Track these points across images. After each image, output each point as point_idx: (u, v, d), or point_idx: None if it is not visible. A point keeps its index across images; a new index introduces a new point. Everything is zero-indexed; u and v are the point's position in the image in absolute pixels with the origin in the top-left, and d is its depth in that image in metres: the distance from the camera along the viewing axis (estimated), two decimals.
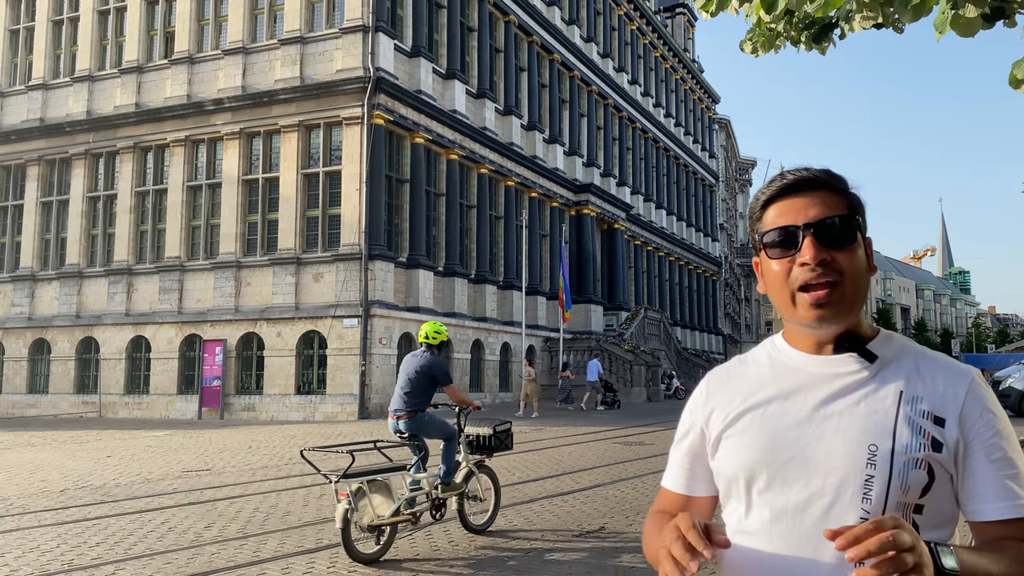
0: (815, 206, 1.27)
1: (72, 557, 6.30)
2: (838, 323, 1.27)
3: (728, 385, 1.38)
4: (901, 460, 1.20)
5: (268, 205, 24.14)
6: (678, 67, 50.72)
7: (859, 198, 1.33)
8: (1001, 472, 1.21)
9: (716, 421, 1.35)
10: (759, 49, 4.80)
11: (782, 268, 1.28)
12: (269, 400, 22.78)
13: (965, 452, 1.23)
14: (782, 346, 1.36)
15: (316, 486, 9.94)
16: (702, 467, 1.39)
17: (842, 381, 1.27)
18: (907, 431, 1.22)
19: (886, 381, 1.26)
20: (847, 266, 1.25)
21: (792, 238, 1.27)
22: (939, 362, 1.29)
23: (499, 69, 30.54)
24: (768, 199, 1.33)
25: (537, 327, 30.90)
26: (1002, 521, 1.20)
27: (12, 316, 27.57)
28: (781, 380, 1.31)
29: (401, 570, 5.91)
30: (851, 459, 1.21)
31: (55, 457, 13.56)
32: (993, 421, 1.24)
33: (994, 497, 1.21)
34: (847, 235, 1.27)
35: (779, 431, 1.27)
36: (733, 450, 1.31)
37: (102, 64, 27.80)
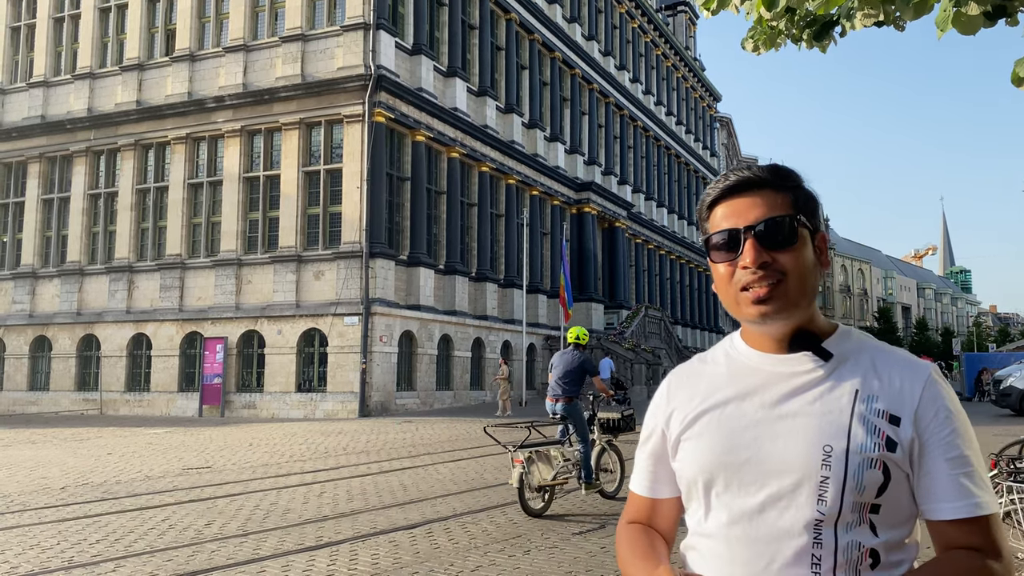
0: (757, 207, 1.27)
1: (72, 554, 6.30)
2: (783, 319, 1.26)
3: (688, 385, 1.37)
4: (856, 460, 1.19)
5: (269, 203, 24.14)
6: (679, 65, 50.68)
7: (809, 193, 1.31)
8: (957, 471, 1.20)
9: (676, 422, 1.35)
10: (760, 47, 4.79)
11: (727, 271, 1.28)
12: (270, 398, 22.79)
13: (921, 451, 1.21)
14: (740, 345, 1.36)
15: (316, 484, 9.95)
16: (665, 469, 1.39)
17: (797, 380, 1.26)
18: (862, 431, 1.20)
19: (841, 379, 1.25)
20: (790, 266, 1.24)
21: (734, 241, 1.27)
22: (896, 358, 1.28)
23: (500, 67, 30.51)
24: (713, 200, 1.32)
25: (538, 325, 30.89)
26: (958, 521, 1.20)
27: (13, 313, 27.59)
28: (738, 380, 1.31)
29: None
30: (806, 460, 1.20)
31: (56, 454, 13.57)
32: (950, 418, 1.23)
33: (950, 496, 1.20)
34: (789, 236, 1.25)
35: (735, 432, 1.26)
36: (691, 452, 1.31)
37: (103, 61, 27.80)
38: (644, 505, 1.42)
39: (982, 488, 1.21)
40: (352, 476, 10.66)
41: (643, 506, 1.42)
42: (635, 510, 1.44)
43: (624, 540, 1.40)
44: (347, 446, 14.43)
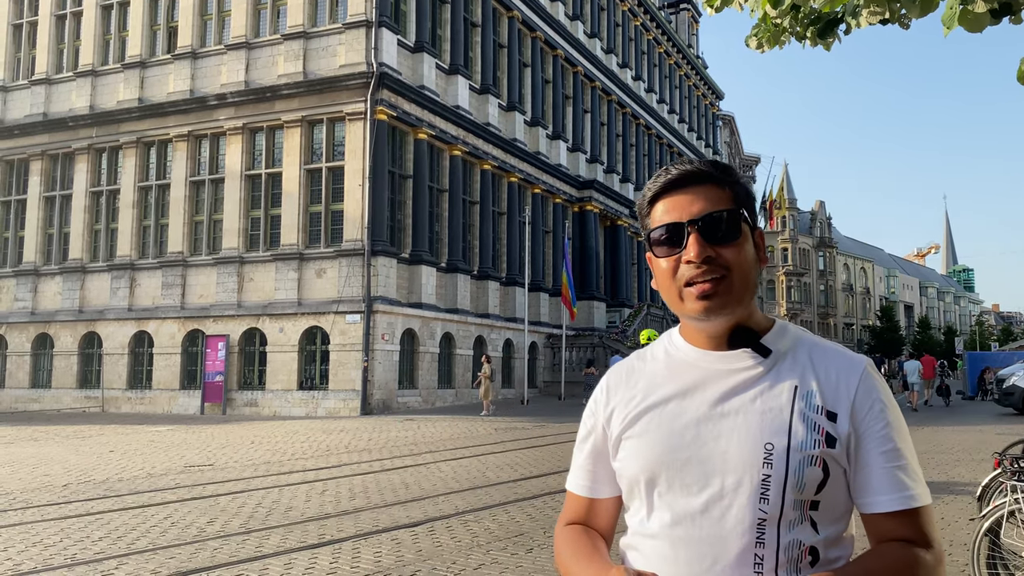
0: (699, 201, 1.26)
1: (75, 551, 6.30)
2: (725, 316, 1.25)
3: (628, 383, 1.36)
4: (797, 458, 1.19)
5: (271, 200, 24.13)
6: (682, 63, 50.62)
7: (747, 189, 1.32)
8: (891, 464, 1.22)
9: (616, 421, 1.33)
10: (764, 45, 4.78)
11: (669, 265, 1.27)
12: (271, 395, 22.80)
13: (857, 445, 1.23)
14: (679, 342, 1.35)
15: (319, 482, 9.95)
16: (605, 469, 1.37)
17: (737, 377, 1.26)
18: (802, 428, 1.21)
19: (780, 376, 1.26)
20: (733, 260, 1.24)
21: (677, 235, 1.26)
22: (833, 353, 1.29)
23: (502, 65, 30.49)
24: (654, 195, 1.31)
25: (540, 323, 30.89)
26: (892, 513, 1.21)
27: (15, 311, 27.61)
28: (678, 377, 1.30)
29: None
30: (748, 459, 1.20)
31: (58, 452, 13.58)
32: (884, 412, 1.24)
33: (885, 489, 1.21)
34: (732, 230, 1.25)
35: (677, 431, 1.26)
36: (633, 451, 1.29)
37: (105, 59, 27.80)
38: (583, 505, 1.40)
39: (916, 480, 1.23)
40: (354, 474, 10.67)
41: (582, 506, 1.41)
42: (573, 511, 1.42)
43: (565, 542, 1.38)
44: (349, 444, 14.44)
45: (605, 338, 31.72)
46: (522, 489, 9.36)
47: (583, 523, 1.40)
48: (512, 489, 9.39)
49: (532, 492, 9.14)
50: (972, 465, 11.65)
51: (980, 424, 19.85)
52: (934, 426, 19.01)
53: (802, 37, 4.56)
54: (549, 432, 16.57)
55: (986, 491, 5.85)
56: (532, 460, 12.18)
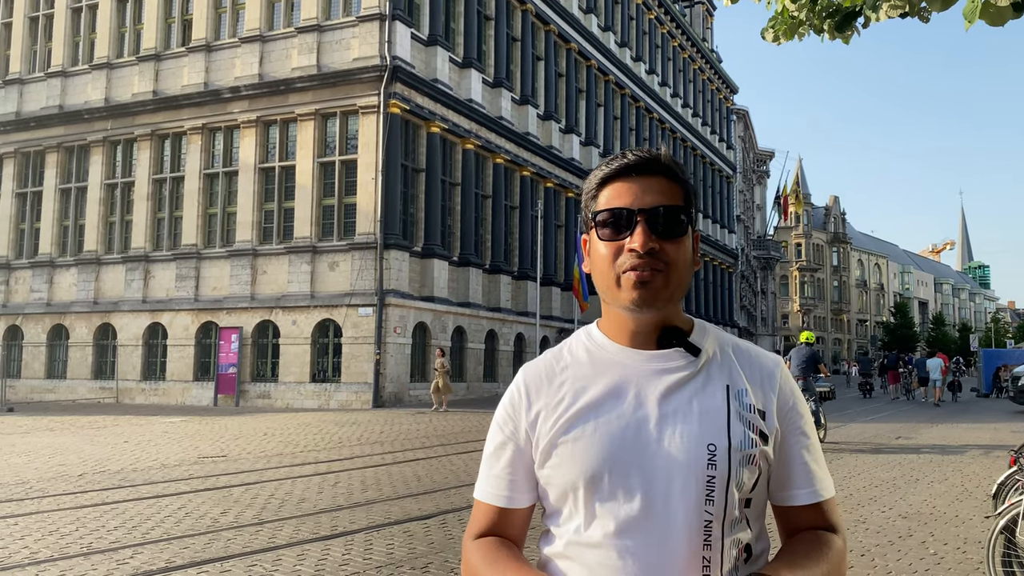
0: (652, 192, 1.25)
1: (91, 540, 6.36)
2: (657, 309, 1.24)
3: (550, 385, 1.29)
4: (737, 457, 1.20)
5: (284, 193, 24.20)
6: (696, 57, 50.35)
7: (694, 189, 1.32)
8: (810, 458, 1.27)
9: (544, 425, 1.26)
10: (781, 37, 4.74)
11: (610, 251, 1.24)
12: (284, 388, 22.91)
13: (781, 441, 1.26)
14: (600, 339, 1.31)
15: (331, 474, 9.99)
16: (525, 477, 1.30)
17: (671, 378, 1.24)
18: (739, 427, 1.21)
19: (711, 376, 1.25)
20: (674, 257, 1.23)
21: (625, 221, 1.24)
22: (751, 352, 1.31)
23: (516, 58, 30.42)
24: (605, 177, 1.29)
25: (551, 318, 30.87)
26: (807, 505, 1.26)
27: (31, 302, 27.85)
28: (606, 376, 1.26)
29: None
30: (692, 461, 1.19)
31: (73, 442, 13.70)
32: (800, 407, 1.29)
33: (804, 483, 1.26)
34: (678, 227, 1.24)
35: (615, 435, 1.21)
36: (568, 457, 1.23)
37: (120, 51, 27.93)
38: (497, 516, 1.33)
39: (826, 472, 1.29)
40: (366, 466, 10.71)
41: (496, 517, 1.33)
42: (485, 522, 1.34)
43: (480, 557, 1.29)
44: (361, 436, 14.49)
45: None
46: None
47: (497, 535, 1.33)
48: None
49: None
50: (987, 463, 11.58)
51: (995, 422, 19.71)
52: (949, 423, 18.89)
53: (820, 30, 4.52)
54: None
55: (1001, 489, 5.81)
56: None
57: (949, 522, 7.37)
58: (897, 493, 8.92)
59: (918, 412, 22.91)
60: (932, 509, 7.97)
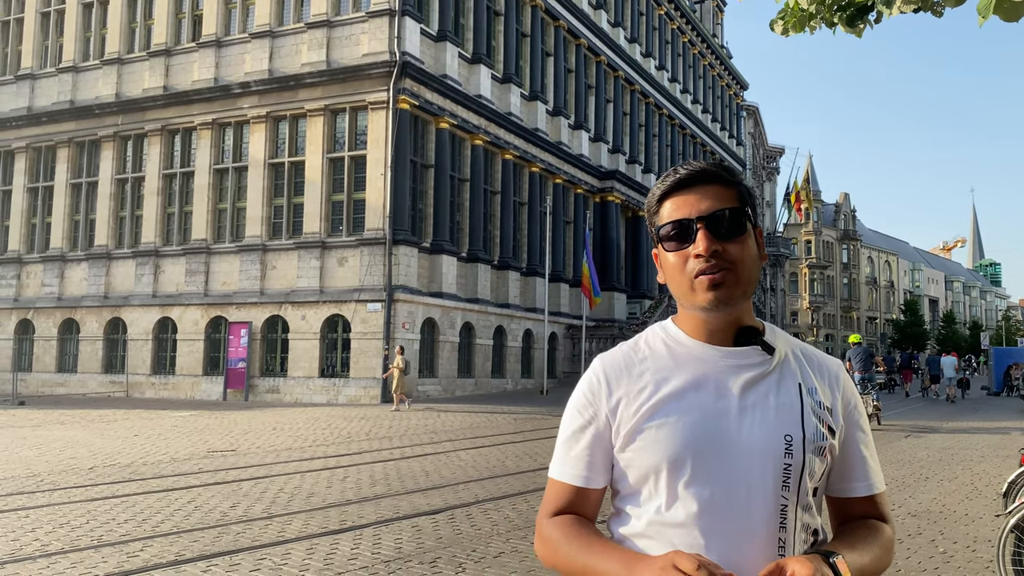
0: (707, 199, 1.34)
1: (101, 533, 6.40)
2: (731, 307, 1.33)
3: (629, 374, 1.38)
4: (811, 448, 1.30)
5: (294, 189, 24.26)
6: (706, 53, 50.16)
7: (749, 190, 1.40)
8: (867, 453, 1.39)
9: (627, 412, 1.35)
10: (790, 29, 4.71)
11: (678, 259, 1.35)
12: (293, 382, 22.98)
13: (844, 437, 1.37)
14: (678, 335, 1.40)
15: (340, 468, 10.02)
16: (603, 459, 1.38)
17: (748, 373, 1.34)
18: (812, 421, 1.32)
19: (785, 374, 1.35)
20: (738, 255, 1.32)
21: (686, 231, 1.34)
22: (819, 356, 1.42)
23: (525, 54, 30.37)
24: (663, 193, 1.39)
25: (560, 314, 30.85)
26: (862, 497, 1.38)
27: (42, 296, 28.01)
28: (687, 369, 1.35)
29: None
30: (771, 449, 1.29)
31: (84, 435, 13.78)
32: (860, 406, 1.41)
33: (862, 476, 1.37)
34: (737, 227, 1.34)
35: (698, 423, 1.30)
36: (653, 442, 1.31)
37: (131, 47, 28.01)
38: (573, 495, 1.40)
39: (879, 468, 1.41)
40: (375, 461, 10.73)
41: (572, 496, 1.40)
42: (562, 501, 1.41)
43: (560, 532, 1.37)
44: (370, 431, 14.53)
45: (626, 329, 31.64)
46: (541, 479, 9.37)
47: (573, 513, 1.40)
48: (531, 478, 9.41)
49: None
50: (997, 461, 11.52)
51: (1006, 420, 19.61)
52: (959, 421, 18.80)
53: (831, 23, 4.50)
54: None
55: (1012, 487, 5.78)
56: (551, 450, 12.11)
57: (959, 520, 7.34)
58: (906, 491, 8.89)
59: (929, 410, 22.80)
60: (942, 507, 7.94)
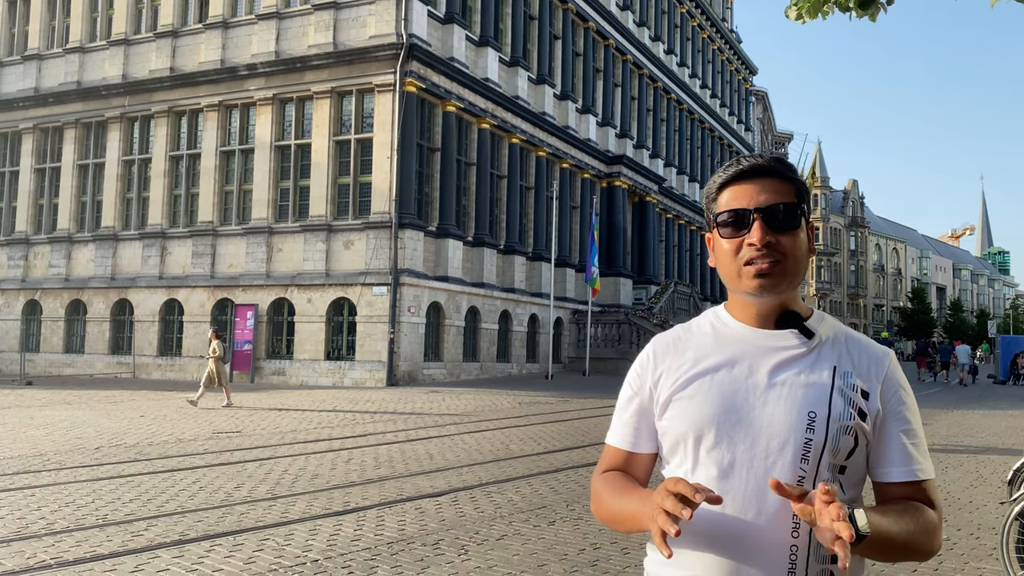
0: (765, 192, 1.41)
1: (106, 512, 6.43)
2: (776, 294, 1.41)
3: (675, 351, 1.49)
4: (835, 426, 1.36)
5: (300, 171, 24.22)
6: (715, 37, 49.78)
7: (806, 186, 1.46)
8: (908, 440, 1.41)
9: (666, 384, 1.46)
10: (804, 15, 4.66)
11: (732, 246, 1.42)
12: (299, 365, 23.04)
13: (882, 422, 1.40)
14: (725, 318, 1.49)
15: (344, 450, 10.06)
16: (647, 426, 1.50)
17: (784, 354, 1.41)
18: (840, 401, 1.37)
19: (821, 356, 1.42)
20: (790, 248, 1.40)
21: (743, 220, 1.41)
22: (864, 343, 1.46)
23: (533, 37, 30.17)
24: (724, 182, 1.46)
25: (565, 299, 30.83)
26: (903, 483, 1.40)
27: (50, 277, 28.10)
28: (726, 349, 1.44)
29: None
30: (793, 424, 1.36)
31: (90, 415, 13.86)
32: (904, 396, 1.43)
33: (900, 462, 1.40)
34: (792, 221, 1.41)
35: (727, 396, 1.39)
36: (683, 411, 1.42)
37: (137, 28, 27.93)
38: (622, 457, 1.53)
39: (925, 457, 1.42)
40: (379, 444, 10.77)
41: (621, 458, 1.53)
42: (612, 462, 1.54)
43: (605, 484, 1.50)
44: (375, 414, 14.57)
45: (631, 315, 31.60)
46: (545, 463, 9.39)
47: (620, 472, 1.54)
48: (535, 462, 9.43)
49: (555, 466, 9.17)
50: (1002, 449, 11.50)
51: (1011, 408, 19.58)
52: (964, 410, 18.77)
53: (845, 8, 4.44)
54: (572, 407, 16.60)
55: (1017, 475, 5.76)
56: (555, 434, 12.21)
57: (963, 508, 7.33)
58: None
59: (938, 396, 22.78)
60: (946, 495, 7.93)
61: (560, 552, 5.54)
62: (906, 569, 5.29)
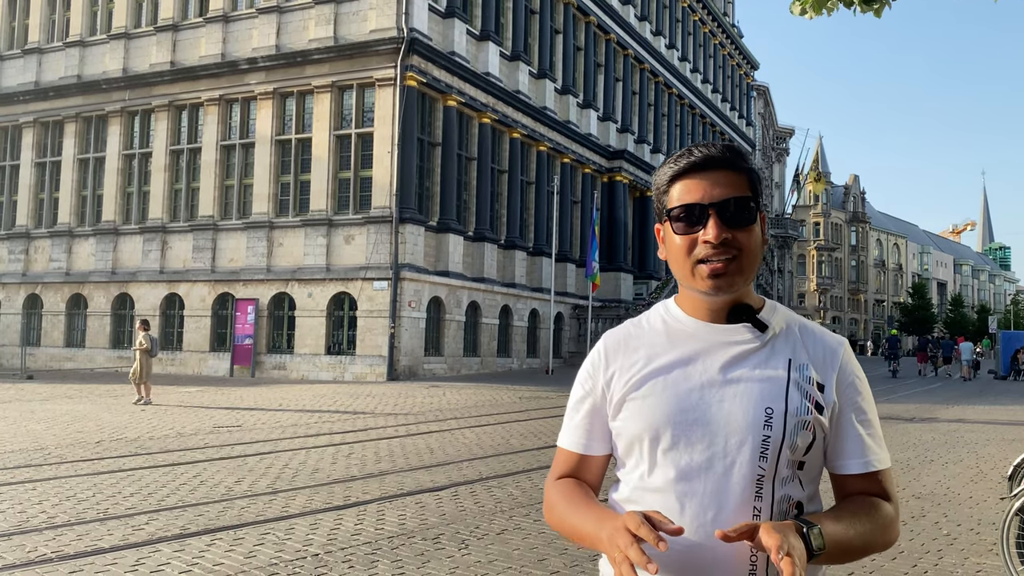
0: (719, 186, 1.35)
1: (107, 506, 6.44)
2: (731, 292, 1.37)
3: (627, 349, 1.44)
4: (793, 421, 1.33)
5: (300, 166, 24.20)
6: (717, 32, 49.67)
7: (759, 175, 1.42)
8: (865, 431, 1.39)
9: (618, 384, 1.42)
10: (809, 11, 4.65)
11: (685, 242, 1.36)
12: (300, 359, 23.06)
13: (838, 413, 1.38)
14: (677, 312, 1.45)
15: (345, 444, 10.07)
16: (601, 427, 1.46)
17: (738, 348, 1.37)
18: (797, 395, 1.34)
19: (776, 349, 1.38)
20: (745, 243, 1.35)
21: (697, 216, 1.35)
22: (817, 332, 1.43)
23: (534, 31, 30.11)
24: (675, 174, 1.40)
25: (566, 294, 30.83)
26: (862, 474, 1.38)
27: (50, 271, 28.10)
28: (680, 346, 1.40)
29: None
30: (750, 421, 1.32)
31: (91, 409, 13.87)
32: (859, 386, 1.41)
33: (857, 453, 1.38)
34: (747, 215, 1.35)
35: (682, 395, 1.36)
36: (637, 411, 1.38)
37: (138, 21, 27.87)
38: (574, 461, 1.48)
39: (881, 446, 1.41)
40: (380, 438, 10.78)
41: (573, 462, 1.49)
42: (565, 466, 1.50)
43: (559, 494, 1.45)
44: (375, 408, 14.58)
45: (632, 309, 31.59)
46: (545, 457, 9.39)
47: (575, 478, 1.49)
48: (535, 457, 9.43)
49: None
50: (1003, 445, 11.50)
51: (1012, 404, 19.57)
52: (965, 405, 18.77)
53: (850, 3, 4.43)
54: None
55: (1017, 471, 5.76)
56: (555, 429, 12.17)
57: (963, 503, 7.33)
58: (911, 473, 8.88)
59: (940, 391, 22.78)
60: (946, 490, 7.93)
61: (560, 546, 5.54)
62: (906, 563, 5.30)
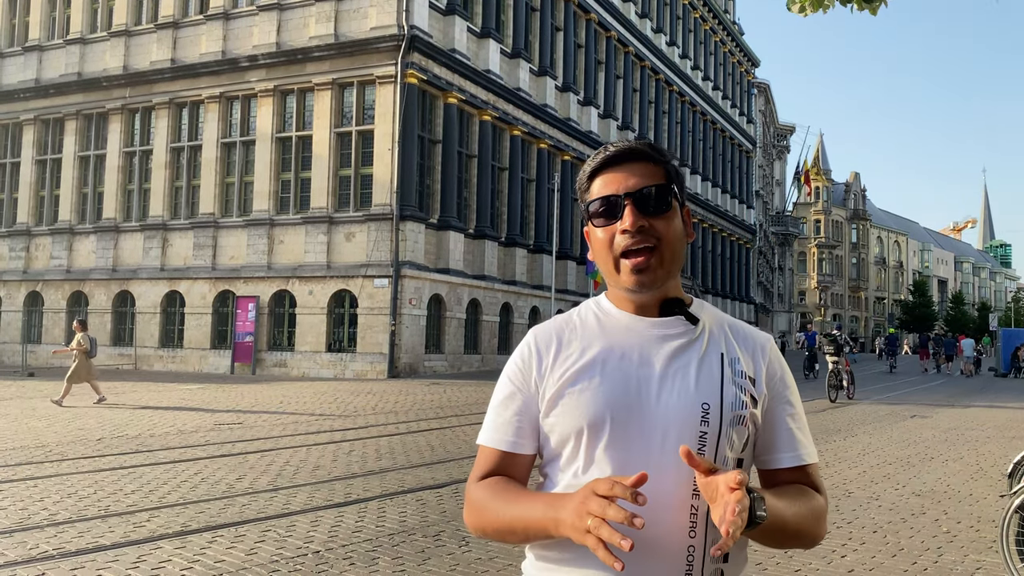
0: (634, 176, 1.37)
1: (108, 504, 6.45)
2: (656, 288, 1.37)
3: (559, 343, 1.41)
4: (728, 417, 1.32)
5: (301, 163, 24.20)
6: (718, 29, 49.61)
7: (677, 169, 1.43)
8: (794, 425, 1.40)
9: (552, 379, 1.38)
10: (807, 8, 4.64)
11: (606, 236, 1.37)
12: (300, 357, 23.07)
13: (768, 408, 1.39)
14: (609, 307, 1.43)
15: (346, 442, 10.08)
16: (531, 425, 1.41)
17: (672, 343, 1.37)
18: (732, 390, 1.34)
19: (709, 344, 1.38)
20: (663, 232, 1.35)
21: (614, 207, 1.36)
22: (744, 327, 1.45)
23: (534, 28, 30.08)
24: (594, 170, 1.41)
25: (567, 291, 30.83)
26: (792, 468, 1.38)
27: (51, 268, 28.12)
28: (614, 339, 1.38)
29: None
30: (687, 417, 1.31)
31: (92, 407, 13.88)
32: (787, 379, 1.42)
33: (788, 447, 1.38)
34: (663, 203, 1.36)
35: (619, 389, 1.33)
36: (572, 407, 1.34)
37: (138, 19, 27.86)
38: (500, 460, 1.42)
39: (809, 440, 1.42)
40: (381, 435, 10.79)
41: (499, 461, 1.42)
42: (489, 466, 1.42)
43: (488, 492, 1.38)
44: (376, 406, 14.59)
45: None
46: None
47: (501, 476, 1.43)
48: None
49: None
50: (1003, 442, 11.51)
51: (1012, 401, 19.58)
52: (965, 402, 18.78)
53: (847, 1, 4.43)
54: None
55: (1017, 468, 5.76)
56: None
57: (963, 501, 7.34)
58: (911, 471, 8.89)
59: (940, 388, 22.78)
60: (946, 487, 7.94)
61: None
62: (906, 560, 5.31)
